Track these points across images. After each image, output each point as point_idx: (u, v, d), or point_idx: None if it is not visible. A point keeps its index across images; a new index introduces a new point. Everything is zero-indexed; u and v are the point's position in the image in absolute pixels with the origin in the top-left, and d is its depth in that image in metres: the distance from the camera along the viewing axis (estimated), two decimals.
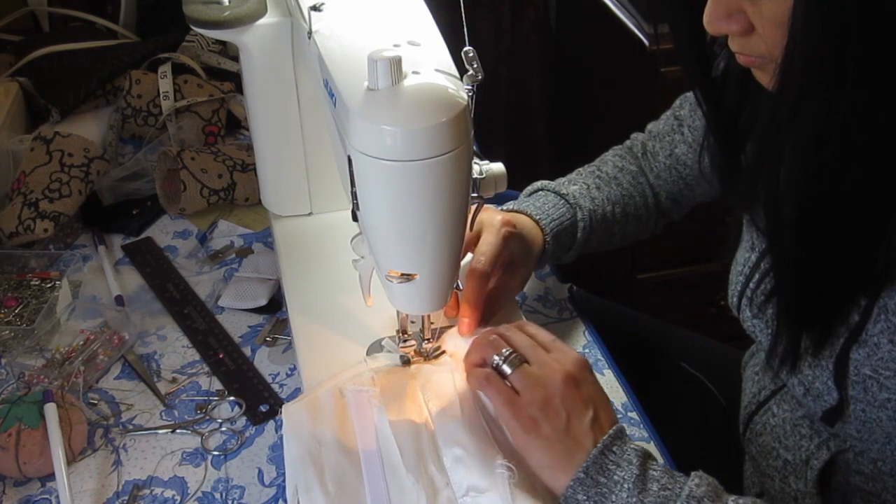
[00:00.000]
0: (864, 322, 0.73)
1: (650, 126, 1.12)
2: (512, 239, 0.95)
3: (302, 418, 0.83)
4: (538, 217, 0.99)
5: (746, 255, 0.87)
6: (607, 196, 1.05)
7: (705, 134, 0.90)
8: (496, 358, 0.80)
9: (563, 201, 1.02)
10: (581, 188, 1.04)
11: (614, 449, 0.74)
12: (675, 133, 1.07)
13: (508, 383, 0.78)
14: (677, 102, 1.10)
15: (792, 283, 0.75)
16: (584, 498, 0.73)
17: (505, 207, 1.02)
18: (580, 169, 1.09)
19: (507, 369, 0.79)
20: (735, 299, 0.89)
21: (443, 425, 0.81)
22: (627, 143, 1.14)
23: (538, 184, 1.06)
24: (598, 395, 0.78)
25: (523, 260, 0.97)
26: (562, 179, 1.07)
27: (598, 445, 0.74)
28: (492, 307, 0.94)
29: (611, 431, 0.75)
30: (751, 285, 0.86)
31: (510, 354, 0.79)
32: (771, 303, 0.81)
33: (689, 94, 1.07)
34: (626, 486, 0.72)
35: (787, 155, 0.69)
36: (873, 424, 0.77)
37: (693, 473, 0.74)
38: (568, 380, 0.77)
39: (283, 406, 0.85)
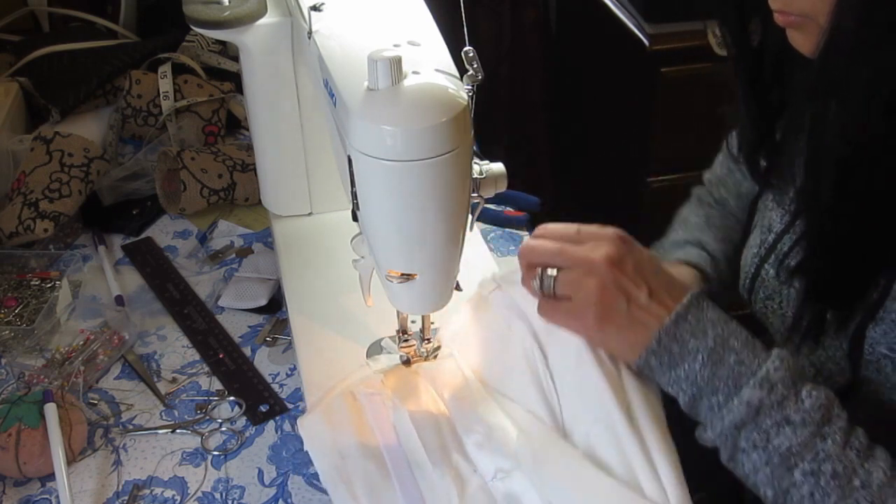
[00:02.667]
0: (882, 299, 0.73)
1: (707, 175, 1.09)
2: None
3: (319, 430, 0.82)
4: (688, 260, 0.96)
5: (763, 236, 0.88)
6: (713, 237, 1.01)
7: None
8: (535, 283, 0.77)
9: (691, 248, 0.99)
10: (693, 245, 1.00)
11: (689, 318, 0.72)
12: (736, 172, 1.04)
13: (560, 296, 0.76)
14: (725, 144, 1.06)
15: (825, 254, 0.74)
16: (657, 364, 0.72)
17: None
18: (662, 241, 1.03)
19: (550, 286, 0.76)
20: (748, 282, 0.89)
21: (458, 413, 0.81)
22: (693, 198, 1.09)
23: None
24: (648, 265, 0.76)
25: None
26: (663, 242, 1.02)
27: (672, 315, 0.72)
28: None
29: (685, 301, 0.73)
30: (765, 266, 0.86)
31: (543, 272, 0.76)
32: (795, 279, 0.81)
33: (734, 131, 1.05)
34: (699, 356, 0.71)
35: (832, 119, 0.68)
36: (883, 408, 0.77)
37: (775, 353, 0.71)
38: (610, 262, 0.74)
39: (298, 420, 0.84)
